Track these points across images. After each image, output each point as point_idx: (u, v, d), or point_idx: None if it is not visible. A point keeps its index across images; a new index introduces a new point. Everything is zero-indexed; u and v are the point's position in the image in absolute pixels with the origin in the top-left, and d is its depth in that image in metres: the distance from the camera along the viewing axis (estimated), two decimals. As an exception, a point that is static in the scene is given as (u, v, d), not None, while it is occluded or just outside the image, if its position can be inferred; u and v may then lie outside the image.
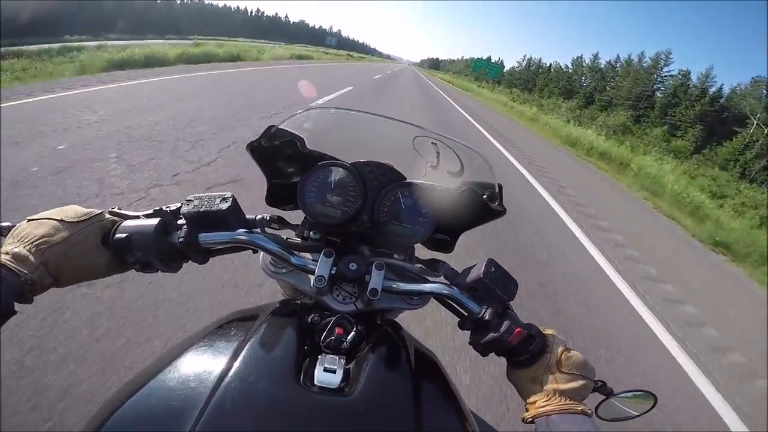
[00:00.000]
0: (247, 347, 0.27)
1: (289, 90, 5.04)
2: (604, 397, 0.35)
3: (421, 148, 0.40)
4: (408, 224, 0.41)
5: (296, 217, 0.42)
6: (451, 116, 7.42)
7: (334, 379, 0.27)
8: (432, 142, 0.40)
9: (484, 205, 0.39)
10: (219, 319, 0.34)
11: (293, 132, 0.38)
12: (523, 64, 45.12)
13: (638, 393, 0.37)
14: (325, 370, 0.27)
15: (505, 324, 0.32)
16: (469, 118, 7.43)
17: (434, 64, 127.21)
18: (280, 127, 0.37)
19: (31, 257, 0.26)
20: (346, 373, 0.28)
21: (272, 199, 0.44)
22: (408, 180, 0.40)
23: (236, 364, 0.26)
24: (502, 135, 6.04)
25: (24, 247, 0.27)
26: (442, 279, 0.37)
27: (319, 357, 0.29)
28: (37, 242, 0.27)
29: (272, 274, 0.38)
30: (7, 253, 0.26)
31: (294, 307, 0.37)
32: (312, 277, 0.34)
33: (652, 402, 0.37)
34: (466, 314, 0.34)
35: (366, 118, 0.43)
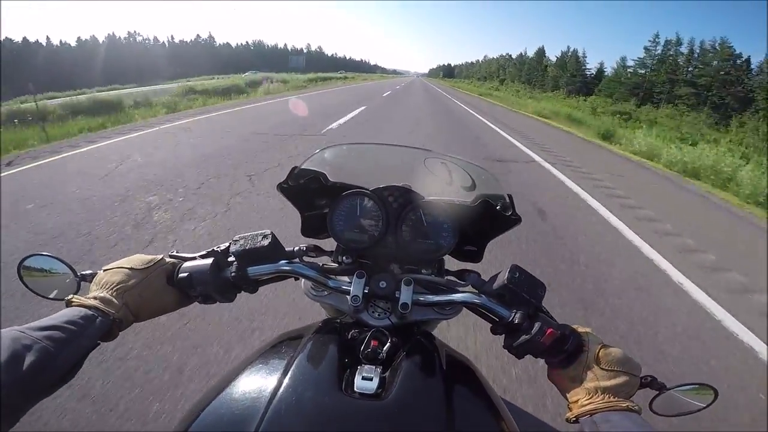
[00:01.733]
0: (295, 363, 0.39)
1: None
2: (657, 392, 0.42)
3: (434, 169, 0.56)
4: (431, 240, 0.54)
5: (331, 244, 0.57)
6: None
7: (371, 386, 0.37)
8: (442, 162, 0.56)
9: (499, 214, 0.52)
10: (271, 340, 0.48)
11: (314, 169, 0.55)
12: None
13: (695, 386, 0.42)
14: (363, 378, 0.38)
15: (537, 326, 0.41)
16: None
17: (448, 72, 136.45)
18: (302, 167, 0.54)
19: (115, 300, 0.40)
20: (382, 381, 0.38)
21: (307, 230, 0.61)
22: (426, 199, 0.55)
23: (287, 378, 0.37)
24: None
25: (108, 292, 0.41)
26: (470, 288, 0.48)
27: (358, 368, 0.40)
28: (117, 287, 0.42)
29: (314, 298, 0.53)
30: (95, 298, 0.40)
31: (334, 325, 0.50)
32: (348, 297, 0.47)
33: (711, 395, 0.42)
34: (497, 320, 0.45)
35: (377, 148, 0.60)
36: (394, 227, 0.54)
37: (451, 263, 0.57)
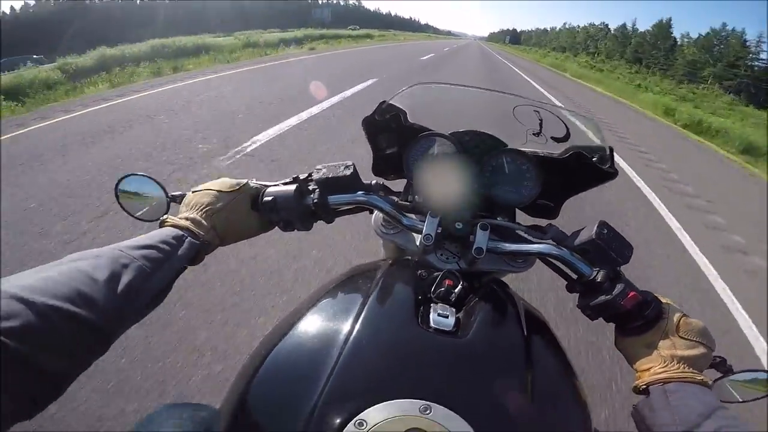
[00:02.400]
0: (372, 296, 0.43)
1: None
2: (721, 375, 0.44)
3: (522, 117, 0.58)
4: (511, 188, 0.57)
5: (398, 186, 0.62)
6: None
7: (448, 323, 0.40)
8: (534, 110, 0.58)
9: (593, 168, 0.53)
10: (343, 273, 0.54)
11: (399, 106, 0.59)
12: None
13: (763, 374, 0.44)
14: (439, 315, 0.41)
15: (619, 287, 0.43)
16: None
17: (513, 37, 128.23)
18: (390, 102, 0.58)
19: (204, 221, 0.46)
20: (457, 321, 0.41)
21: (377, 169, 0.66)
22: (509, 147, 0.58)
23: (365, 310, 0.41)
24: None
25: (197, 213, 0.47)
26: (549, 241, 0.51)
27: (432, 305, 0.43)
28: (206, 209, 0.47)
29: (382, 235, 0.58)
30: (186, 219, 0.45)
31: (406, 262, 0.56)
32: (418, 237, 0.52)
33: None
34: (576, 276, 0.48)
35: (467, 90, 0.62)
36: (472, 172, 0.58)
37: (521, 218, 0.60)
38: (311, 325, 0.42)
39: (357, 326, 0.39)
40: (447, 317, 0.41)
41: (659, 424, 0.37)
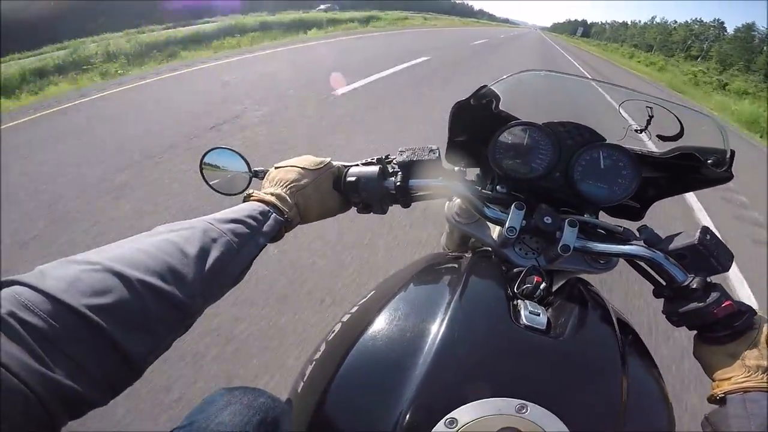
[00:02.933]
0: (460, 289, 0.45)
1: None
2: None
3: (630, 112, 0.57)
4: (604, 185, 0.58)
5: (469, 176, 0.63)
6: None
7: (541, 321, 0.42)
8: (647, 106, 0.57)
9: (703, 170, 0.53)
10: (422, 259, 0.56)
11: (496, 92, 0.60)
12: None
13: None
14: (531, 312, 0.43)
15: (714, 295, 0.43)
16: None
17: (583, 30, 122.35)
18: (490, 86, 0.59)
19: (288, 198, 0.49)
20: (547, 320, 0.43)
21: (450, 156, 0.68)
22: (609, 142, 0.58)
23: (454, 304, 0.42)
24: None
25: (282, 189, 0.50)
26: (641, 243, 0.51)
27: (520, 302, 0.45)
28: (290, 185, 0.50)
29: (456, 224, 0.60)
30: (272, 194, 0.48)
31: (489, 255, 0.58)
32: (499, 229, 0.54)
33: None
34: (666, 281, 0.48)
35: (573, 80, 0.63)
36: (565, 164, 0.59)
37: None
38: (396, 317, 0.44)
39: (446, 320, 0.41)
40: (539, 315, 0.43)
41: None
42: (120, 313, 0.29)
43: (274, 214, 0.46)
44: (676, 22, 63.83)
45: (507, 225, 0.52)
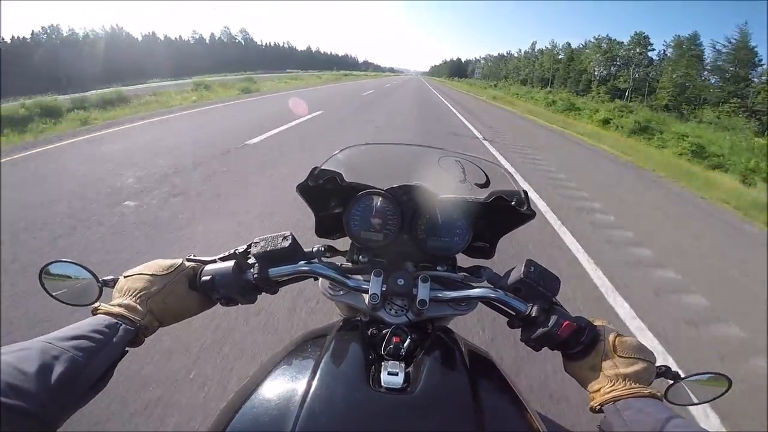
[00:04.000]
0: (323, 361, 0.55)
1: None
2: (671, 381, 0.59)
3: (447, 167, 0.78)
4: (446, 237, 0.75)
5: (344, 244, 0.78)
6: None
7: (398, 380, 0.52)
8: (456, 160, 0.78)
9: (514, 210, 0.73)
10: (295, 339, 0.66)
11: (332, 170, 0.75)
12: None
13: (709, 375, 0.59)
14: (389, 373, 0.53)
15: (553, 318, 0.58)
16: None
17: (457, 69, 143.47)
18: (322, 167, 0.75)
19: (139, 307, 0.55)
20: (407, 375, 0.54)
21: (320, 230, 0.82)
22: (440, 197, 0.76)
23: (317, 376, 0.52)
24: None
25: (132, 299, 0.56)
26: (485, 284, 0.68)
27: (383, 363, 0.55)
28: (140, 294, 0.56)
29: (331, 297, 0.71)
30: (120, 305, 0.54)
31: (356, 323, 0.69)
32: (366, 296, 0.65)
33: (725, 385, 0.59)
34: (514, 313, 0.63)
35: (394, 148, 0.83)
36: (409, 226, 0.75)
37: (463, 261, 0.79)
38: (266, 394, 0.53)
39: (311, 392, 0.50)
40: (396, 374, 0.54)
41: None
42: None
43: (123, 325, 0.52)
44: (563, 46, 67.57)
45: (369, 293, 0.65)
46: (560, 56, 64.37)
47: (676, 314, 2.66)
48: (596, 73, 54.87)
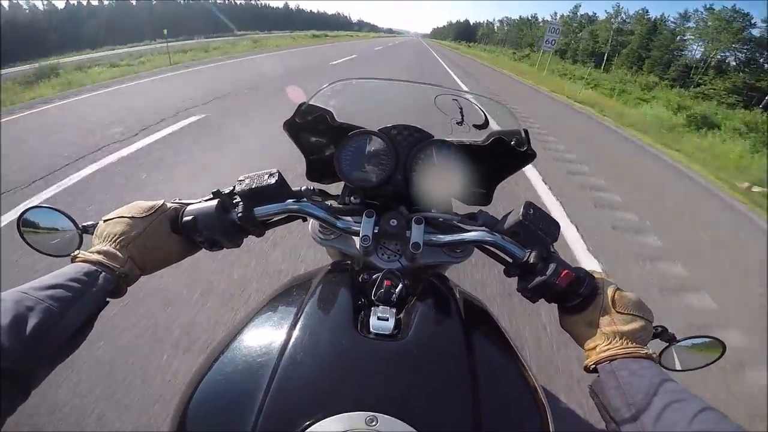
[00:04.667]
0: (307, 306, 0.58)
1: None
2: (666, 344, 0.62)
3: (444, 107, 0.81)
4: (441, 179, 0.78)
5: (336, 189, 0.81)
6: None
7: (388, 326, 0.55)
8: (453, 99, 0.81)
9: (513, 151, 0.77)
10: (281, 285, 0.69)
11: (322, 107, 0.78)
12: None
13: (705, 340, 0.63)
14: (379, 318, 0.56)
15: (551, 266, 0.60)
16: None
17: (464, 32, 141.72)
18: (310, 103, 0.77)
19: (119, 253, 0.57)
20: (398, 322, 0.56)
21: (312, 174, 0.85)
22: (435, 137, 0.79)
23: (300, 321, 0.55)
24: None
25: (111, 245, 0.57)
26: (482, 227, 0.70)
27: (373, 309, 0.58)
28: (120, 239, 0.58)
29: (321, 241, 0.75)
30: (99, 252, 0.56)
31: (345, 266, 0.72)
32: (357, 240, 0.69)
33: (720, 350, 0.62)
34: (511, 260, 0.67)
35: (387, 84, 0.85)
36: (403, 167, 0.79)
37: (459, 208, 0.82)
38: (247, 342, 0.55)
39: (292, 338, 0.53)
40: (387, 320, 0.56)
41: (612, 406, 0.51)
42: None
43: (102, 273, 0.54)
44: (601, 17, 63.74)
45: (361, 234, 0.68)
46: (625, 26, 53.46)
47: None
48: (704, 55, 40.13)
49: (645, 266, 3.16)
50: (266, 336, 0.56)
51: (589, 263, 2.94)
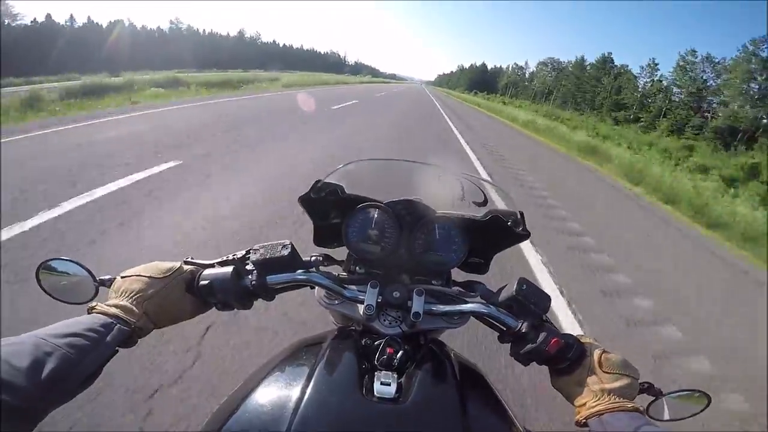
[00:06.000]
0: (318, 369, 0.75)
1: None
2: (654, 398, 0.83)
3: (447, 185, 1.08)
4: (442, 252, 1.03)
5: (340, 253, 1.05)
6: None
7: (390, 390, 0.71)
8: (456, 179, 1.08)
9: (509, 229, 1.01)
10: (290, 346, 0.90)
11: (334, 183, 1.03)
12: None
13: (690, 392, 0.82)
14: (382, 383, 0.72)
15: (542, 335, 0.80)
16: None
17: (481, 80, 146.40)
18: (325, 180, 1.03)
19: (135, 309, 0.74)
20: (399, 386, 0.73)
21: (318, 240, 1.10)
22: (438, 213, 1.04)
23: (312, 383, 0.71)
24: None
25: (128, 300, 0.75)
26: (479, 299, 0.93)
27: (376, 373, 0.75)
28: (136, 296, 0.76)
29: (327, 306, 0.96)
30: (116, 306, 0.73)
31: (350, 333, 0.94)
32: (361, 306, 0.90)
33: (705, 402, 0.82)
34: (505, 329, 0.89)
35: (395, 163, 1.15)
36: (406, 239, 1.03)
37: (458, 275, 1.07)
38: (260, 398, 0.72)
39: (304, 400, 0.69)
40: (389, 384, 0.74)
41: None
42: None
43: (118, 325, 0.70)
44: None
45: (365, 303, 0.90)
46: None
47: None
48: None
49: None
50: (281, 393, 0.73)
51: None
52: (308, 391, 0.71)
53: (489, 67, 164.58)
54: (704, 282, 6.02)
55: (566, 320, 3.83)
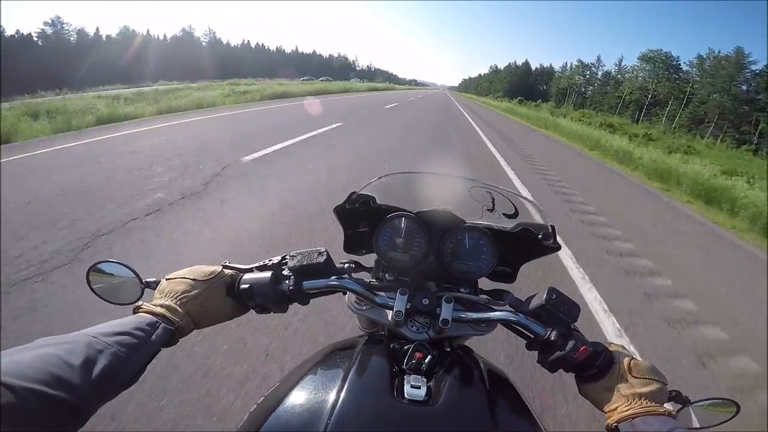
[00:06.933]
0: (352, 371, 0.92)
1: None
2: (681, 405, 0.93)
3: (477, 196, 1.26)
4: (470, 262, 1.21)
5: (368, 260, 1.25)
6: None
7: (420, 393, 0.86)
8: (487, 191, 1.26)
9: (539, 242, 1.19)
10: (322, 350, 1.09)
11: (367, 194, 1.22)
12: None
13: (718, 401, 0.94)
14: (412, 386, 0.88)
15: (571, 343, 0.94)
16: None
17: (524, 86, 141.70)
18: (360, 192, 1.22)
19: (179, 309, 0.92)
20: (428, 389, 0.89)
21: (349, 247, 1.32)
22: (468, 223, 1.22)
23: (347, 385, 0.87)
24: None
25: (172, 300, 0.93)
26: (507, 307, 1.10)
27: (405, 377, 0.92)
28: (180, 297, 0.95)
29: (356, 311, 1.15)
30: (161, 306, 0.91)
31: (380, 338, 1.13)
32: (390, 312, 1.08)
33: (734, 410, 0.93)
34: (533, 336, 1.04)
35: (427, 176, 1.35)
36: (436, 249, 1.21)
37: (484, 283, 1.23)
38: (296, 402, 0.85)
39: (339, 402, 0.81)
40: (419, 388, 0.87)
41: None
42: (6, 415, 0.53)
43: (163, 324, 0.83)
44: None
45: (394, 309, 1.06)
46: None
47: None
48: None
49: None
50: (317, 396, 0.85)
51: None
52: (343, 393, 0.84)
53: (533, 68, 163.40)
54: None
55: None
